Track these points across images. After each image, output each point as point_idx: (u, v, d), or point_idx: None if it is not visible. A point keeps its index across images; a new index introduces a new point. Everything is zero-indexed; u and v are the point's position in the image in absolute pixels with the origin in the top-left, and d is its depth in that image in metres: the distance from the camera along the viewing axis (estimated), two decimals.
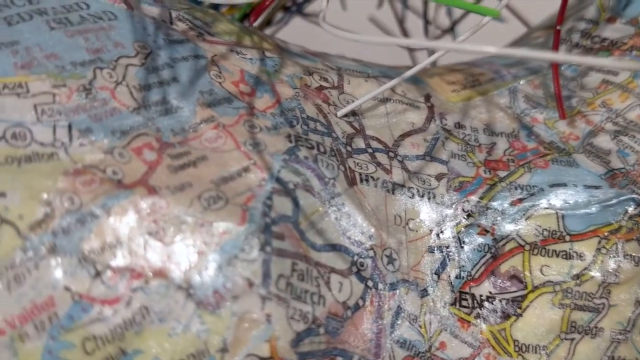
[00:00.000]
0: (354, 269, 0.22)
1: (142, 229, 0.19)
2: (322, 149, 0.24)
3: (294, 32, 0.37)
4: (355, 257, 0.23)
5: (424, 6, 0.38)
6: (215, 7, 0.30)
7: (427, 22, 0.40)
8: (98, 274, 0.19)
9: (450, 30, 0.41)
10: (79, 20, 0.22)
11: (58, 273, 0.18)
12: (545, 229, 0.25)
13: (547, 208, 0.25)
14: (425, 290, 0.24)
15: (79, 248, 0.19)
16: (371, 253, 0.23)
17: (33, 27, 0.22)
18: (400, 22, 0.41)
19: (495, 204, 0.25)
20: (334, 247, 0.22)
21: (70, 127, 0.20)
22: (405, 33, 0.41)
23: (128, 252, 0.19)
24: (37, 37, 0.21)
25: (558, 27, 0.28)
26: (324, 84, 0.27)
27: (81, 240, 0.19)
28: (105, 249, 0.19)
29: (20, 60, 0.21)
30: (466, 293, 0.24)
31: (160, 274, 0.19)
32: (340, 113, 0.26)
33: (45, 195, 0.19)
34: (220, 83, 0.24)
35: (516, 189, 0.26)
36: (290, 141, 0.23)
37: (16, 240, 0.18)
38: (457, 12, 0.41)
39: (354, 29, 0.27)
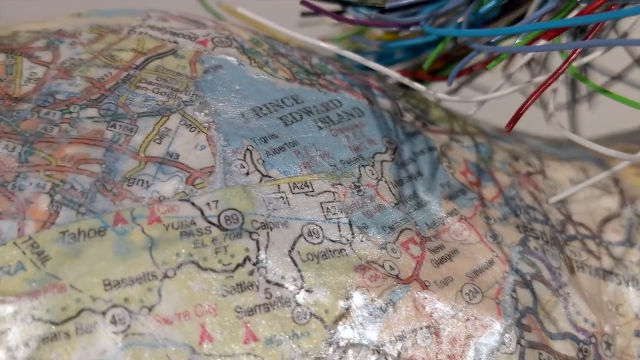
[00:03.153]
0: (580, 356, 0.25)
1: (422, 322, 0.22)
2: (545, 239, 0.26)
3: None
4: (581, 344, 0.25)
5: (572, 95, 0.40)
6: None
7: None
8: None
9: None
10: (338, 118, 0.25)
11: None
12: None
13: None
14: None
15: (372, 341, 0.21)
16: (593, 340, 0.25)
17: (305, 127, 0.24)
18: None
19: None
20: (565, 336, 0.25)
21: (350, 224, 0.23)
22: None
23: (411, 344, 0.21)
24: (310, 136, 0.24)
25: None
26: (530, 169, 0.29)
27: (373, 333, 0.21)
28: (393, 341, 0.21)
29: (302, 160, 0.23)
30: None
31: None
32: (552, 200, 0.28)
33: (343, 291, 0.21)
34: (452, 174, 0.26)
35: None
36: (520, 232, 0.26)
37: (323, 333, 0.21)
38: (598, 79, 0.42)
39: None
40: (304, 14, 0.33)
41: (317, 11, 0.29)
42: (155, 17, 0.26)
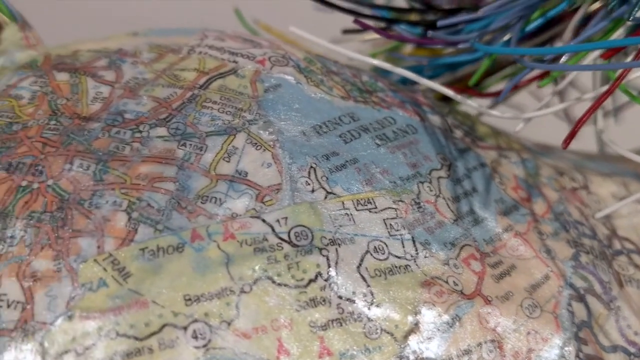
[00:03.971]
0: None
1: (486, 336, 0.23)
2: (594, 253, 0.27)
3: None
4: (632, 357, 0.26)
5: None
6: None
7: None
8: None
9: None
10: (393, 135, 0.26)
11: None
12: None
13: None
14: None
15: (440, 355, 0.22)
16: None
17: (364, 144, 0.25)
18: None
19: None
20: (617, 348, 0.26)
21: (413, 240, 0.24)
22: None
23: (477, 358, 0.22)
24: (369, 153, 0.25)
25: None
26: (574, 184, 0.30)
27: (441, 347, 0.22)
28: (460, 355, 0.22)
29: (363, 177, 0.24)
30: None
31: None
32: (599, 215, 0.29)
33: (411, 307, 0.22)
34: (504, 190, 0.27)
35: None
36: (571, 247, 0.27)
37: (394, 348, 0.22)
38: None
39: None
40: (346, 31, 0.34)
41: (366, 28, 0.30)
42: (212, 37, 0.27)
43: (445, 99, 0.33)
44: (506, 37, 0.30)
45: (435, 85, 0.28)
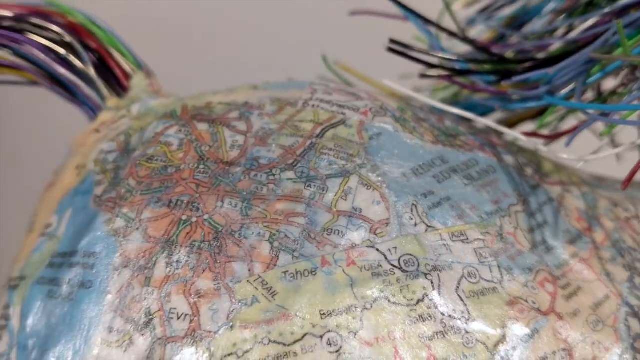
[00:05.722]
0: None
1: (559, 346, 0.28)
2: None
3: None
4: None
5: None
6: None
7: None
8: None
9: None
10: (477, 175, 0.32)
11: None
12: None
13: None
14: None
15: None
16: None
17: (454, 184, 0.31)
18: None
19: None
20: None
21: (499, 267, 0.29)
22: None
23: None
24: (459, 192, 0.31)
25: None
26: (627, 214, 0.35)
27: (522, 355, 0.28)
28: None
29: (455, 212, 0.30)
30: None
31: None
32: None
33: (499, 322, 0.28)
34: (569, 221, 0.33)
35: None
36: (626, 270, 0.32)
37: (486, 355, 0.27)
38: None
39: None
40: (423, 76, 0.40)
41: (450, 81, 0.35)
42: (321, 91, 0.33)
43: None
44: (569, 88, 0.35)
45: (506, 130, 0.34)
